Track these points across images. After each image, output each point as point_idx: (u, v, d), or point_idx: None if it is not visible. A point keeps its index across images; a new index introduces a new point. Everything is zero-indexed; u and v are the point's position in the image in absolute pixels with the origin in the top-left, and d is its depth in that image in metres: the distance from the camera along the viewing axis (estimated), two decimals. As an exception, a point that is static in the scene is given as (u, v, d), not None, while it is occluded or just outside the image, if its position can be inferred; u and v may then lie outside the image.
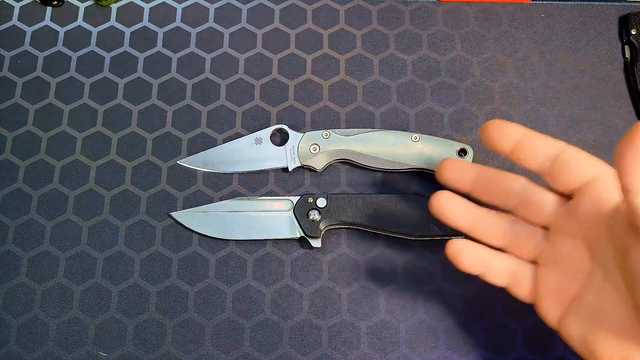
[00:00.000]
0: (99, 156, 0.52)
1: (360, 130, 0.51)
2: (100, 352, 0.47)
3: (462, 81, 0.55)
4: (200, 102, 0.54)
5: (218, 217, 0.50)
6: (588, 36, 0.57)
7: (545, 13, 0.58)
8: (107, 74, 0.55)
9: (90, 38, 0.56)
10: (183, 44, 0.56)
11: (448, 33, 0.57)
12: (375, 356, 0.47)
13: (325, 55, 0.56)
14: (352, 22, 0.57)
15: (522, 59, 0.56)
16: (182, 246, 0.50)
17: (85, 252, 0.50)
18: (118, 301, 0.48)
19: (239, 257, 0.49)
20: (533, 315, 0.48)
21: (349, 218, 0.48)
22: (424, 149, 0.50)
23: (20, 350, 0.47)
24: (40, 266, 0.49)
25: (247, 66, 0.55)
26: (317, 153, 0.51)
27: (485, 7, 0.58)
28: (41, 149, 0.53)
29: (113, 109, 0.54)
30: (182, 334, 0.47)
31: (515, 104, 0.54)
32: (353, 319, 0.48)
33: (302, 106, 0.54)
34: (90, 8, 0.58)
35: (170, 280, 0.49)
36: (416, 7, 0.58)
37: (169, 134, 0.53)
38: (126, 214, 0.51)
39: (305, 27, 0.57)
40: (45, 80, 0.55)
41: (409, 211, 0.48)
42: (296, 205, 0.49)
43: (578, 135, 0.53)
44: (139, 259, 0.49)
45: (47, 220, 0.50)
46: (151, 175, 0.52)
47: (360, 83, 0.55)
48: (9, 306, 0.48)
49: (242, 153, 0.52)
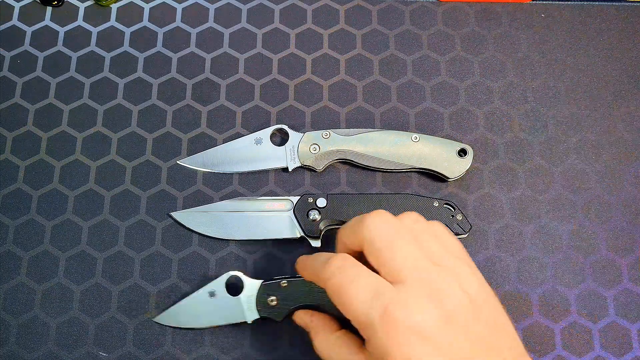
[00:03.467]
0: (99, 156, 0.52)
1: (360, 130, 0.51)
2: (100, 352, 0.47)
3: (462, 81, 0.55)
4: (200, 102, 0.54)
5: (218, 217, 0.50)
6: (588, 36, 0.57)
7: (545, 13, 0.58)
8: (107, 74, 0.55)
9: (90, 38, 0.56)
10: (183, 44, 0.56)
11: (448, 33, 0.57)
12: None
13: (325, 55, 0.56)
14: (352, 22, 0.57)
15: (522, 59, 0.56)
16: (182, 246, 0.50)
17: (85, 252, 0.50)
18: (118, 301, 0.48)
19: (239, 257, 0.49)
20: (528, 318, 0.48)
21: (349, 218, 0.48)
22: (424, 149, 0.50)
23: (20, 350, 0.47)
24: (40, 266, 0.49)
25: (247, 66, 0.55)
26: (317, 153, 0.51)
27: (485, 7, 0.58)
28: (41, 149, 0.53)
29: (113, 109, 0.54)
30: (182, 334, 0.47)
31: (515, 104, 0.54)
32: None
33: (302, 106, 0.54)
34: (90, 8, 0.58)
35: (170, 280, 0.49)
36: (416, 7, 0.58)
37: (169, 134, 0.53)
38: (126, 214, 0.51)
39: (305, 27, 0.57)
40: (45, 80, 0.55)
41: (408, 211, 0.48)
42: (296, 205, 0.49)
43: (578, 135, 0.53)
44: (139, 259, 0.49)
45: (47, 220, 0.50)
46: (151, 175, 0.52)
47: (360, 83, 0.55)
48: (9, 306, 0.48)
49: (242, 153, 0.52)
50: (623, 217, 0.51)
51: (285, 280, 0.45)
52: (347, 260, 0.37)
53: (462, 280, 0.35)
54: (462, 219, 0.48)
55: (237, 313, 0.45)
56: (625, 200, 0.51)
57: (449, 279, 0.35)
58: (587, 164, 0.52)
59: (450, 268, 0.36)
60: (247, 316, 0.45)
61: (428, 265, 0.35)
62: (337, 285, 0.36)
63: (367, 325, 0.34)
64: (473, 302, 0.35)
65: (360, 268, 0.36)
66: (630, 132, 0.53)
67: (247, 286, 0.46)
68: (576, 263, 0.49)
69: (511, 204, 0.51)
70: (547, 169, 0.52)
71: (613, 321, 0.48)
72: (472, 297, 0.35)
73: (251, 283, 0.46)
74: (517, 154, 0.53)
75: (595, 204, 0.51)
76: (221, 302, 0.46)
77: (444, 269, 0.35)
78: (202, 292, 0.47)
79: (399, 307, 0.34)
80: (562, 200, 0.51)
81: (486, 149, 0.53)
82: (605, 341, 0.47)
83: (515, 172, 0.52)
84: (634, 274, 0.49)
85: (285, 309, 0.44)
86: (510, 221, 0.51)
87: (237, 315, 0.45)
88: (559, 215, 0.51)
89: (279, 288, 0.45)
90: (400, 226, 0.37)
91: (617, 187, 0.52)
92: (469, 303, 0.34)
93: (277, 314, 0.45)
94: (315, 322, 0.42)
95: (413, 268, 0.35)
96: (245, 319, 0.45)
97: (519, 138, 0.53)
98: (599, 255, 0.50)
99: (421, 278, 0.35)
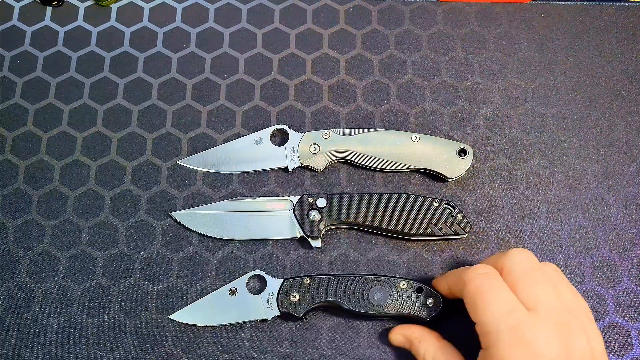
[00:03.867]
0: (99, 156, 0.52)
1: (360, 130, 0.51)
2: (100, 352, 0.47)
3: (462, 81, 0.55)
4: (200, 102, 0.54)
5: (218, 217, 0.50)
6: (588, 36, 0.57)
7: (545, 13, 0.58)
8: (107, 74, 0.55)
9: (90, 38, 0.56)
10: (183, 44, 0.56)
11: (448, 33, 0.57)
12: (375, 356, 0.47)
13: (325, 55, 0.56)
14: (352, 22, 0.57)
15: (522, 59, 0.56)
16: (182, 246, 0.50)
17: (85, 252, 0.50)
18: (118, 301, 0.48)
19: (239, 257, 0.49)
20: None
21: (349, 218, 0.48)
22: (424, 149, 0.50)
23: (20, 350, 0.47)
24: (40, 266, 0.49)
25: (247, 66, 0.55)
26: (317, 153, 0.51)
27: (485, 7, 0.58)
28: (41, 149, 0.53)
29: (113, 109, 0.54)
30: (181, 334, 0.47)
31: (515, 104, 0.54)
32: (353, 319, 0.48)
33: (302, 106, 0.54)
34: (90, 8, 0.58)
35: (170, 280, 0.49)
36: (416, 7, 0.58)
37: (169, 134, 0.53)
38: (126, 214, 0.51)
39: (305, 27, 0.57)
40: (45, 80, 0.55)
41: (409, 211, 0.48)
42: (296, 205, 0.49)
43: (578, 135, 0.53)
44: (139, 259, 0.49)
45: (47, 220, 0.50)
46: (151, 175, 0.52)
47: (360, 83, 0.55)
48: (9, 306, 0.48)
49: (242, 153, 0.52)
50: (623, 217, 0.51)
51: (308, 277, 0.46)
52: (492, 270, 0.40)
53: (590, 338, 0.38)
54: (462, 219, 0.48)
55: (257, 310, 0.47)
56: (625, 200, 0.51)
57: (578, 330, 0.38)
58: (587, 164, 0.52)
59: (580, 322, 0.38)
60: (267, 313, 0.46)
61: (561, 307, 0.38)
62: (478, 289, 0.39)
63: (494, 333, 0.37)
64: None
65: (502, 282, 0.39)
66: (630, 132, 0.53)
67: (269, 284, 0.47)
68: (576, 263, 0.49)
69: (511, 204, 0.51)
70: (547, 169, 0.52)
71: (613, 321, 0.48)
72: (596, 357, 0.38)
73: (273, 281, 0.47)
74: (517, 154, 0.53)
75: (595, 204, 0.51)
76: (242, 300, 0.47)
77: (575, 319, 0.38)
78: (223, 290, 0.48)
79: (529, 330, 0.37)
80: (562, 200, 0.51)
81: (486, 149, 0.53)
82: (605, 341, 0.47)
83: (515, 172, 0.52)
84: (634, 274, 0.49)
85: (307, 305, 0.46)
86: (510, 221, 0.51)
87: (257, 312, 0.47)
88: (559, 215, 0.51)
89: (302, 285, 0.46)
90: (539, 266, 0.41)
91: (617, 187, 0.52)
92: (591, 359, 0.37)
93: (298, 310, 0.46)
94: (417, 332, 0.44)
95: (548, 303, 0.38)
96: (265, 317, 0.46)
97: (519, 138, 0.53)
98: (599, 255, 0.50)
99: (554, 315, 0.38)
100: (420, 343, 0.43)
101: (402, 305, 0.45)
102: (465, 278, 0.40)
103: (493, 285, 0.39)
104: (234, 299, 0.47)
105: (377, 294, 0.46)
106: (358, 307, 0.45)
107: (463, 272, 0.41)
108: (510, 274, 0.40)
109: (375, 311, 0.45)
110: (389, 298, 0.45)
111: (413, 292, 0.46)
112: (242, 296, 0.47)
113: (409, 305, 0.45)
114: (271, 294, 0.46)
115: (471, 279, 0.40)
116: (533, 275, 0.40)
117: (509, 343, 0.37)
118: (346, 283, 0.46)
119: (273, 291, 0.47)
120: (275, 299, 0.46)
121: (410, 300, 0.46)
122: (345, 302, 0.45)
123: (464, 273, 0.41)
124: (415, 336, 0.44)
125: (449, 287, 0.44)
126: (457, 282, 0.42)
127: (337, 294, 0.46)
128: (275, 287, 0.47)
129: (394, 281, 0.46)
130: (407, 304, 0.45)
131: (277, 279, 0.47)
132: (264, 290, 0.47)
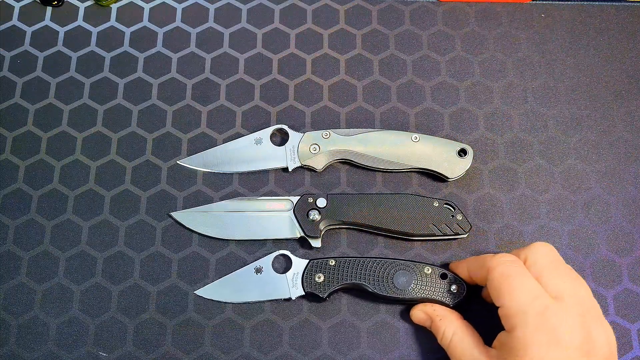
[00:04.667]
0: (99, 156, 0.52)
1: (360, 130, 0.51)
2: (100, 352, 0.47)
3: (462, 81, 0.55)
4: (200, 102, 0.54)
5: (218, 217, 0.50)
6: (588, 36, 0.57)
7: (545, 13, 0.58)
8: (107, 74, 0.55)
9: (90, 38, 0.56)
10: (183, 44, 0.56)
11: (448, 33, 0.57)
12: (375, 356, 0.47)
13: (325, 55, 0.56)
14: (352, 22, 0.57)
15: (522, 59, 0.56)
16: (182, 246, 0.50)
17: (85, 252, 0.50)
18: (118, 301, 0.48)
19: (239, 257, 0.49)
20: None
21: (349, 218, 0.48)
22: (424, 149, 0.50)
23: (20, 350, 0.47)
24: (40, 266, 0.49)
25: (247, 66, 0.55)
26: (317, 153, 0.51)
27: (485, 7, 0.58)
28: (41, 149, 0.53)
29: (113, 109, 0.54)
30: (182, 334, 0.47)
31: (515, 104, 0.54)
32: (353, 319, 0.48)
33: (302, 106, 0.54)
34: (90, 8, 0.58)
35: (170, 280, 0.49)
36: (416, 7, 0.58)
37: (169, 134, 0.53)
38: (126, 214, 0.51)
39: (305, 27, 0.57)
40: (45, 80, 0.55)
41: (409, 211, 0.48)
42: (296, 205, 0.49)
43: (578, 135, 0.53)
44: (139, 259, 0.49)
45: (47, 220, 0.50)
46: (151, 175, 0.52)
47: (360, 83, 0.55)
48: (9, 306, 0.48)
49: (242, 153, 0.52)
50: (623, 217, 0.51)
51: (333, 259, 0.47)
52: (517, 259, 0.41)
53: (609, 340, 0.39)
54: (462, 219, 0.48)
55: (281, 290, 0.47)
56: (625, 200, 0.51)
57: (598, 324, 0.39)
58: (587, 164, 0.52)
59: (599, 317, 0.40)
60: (291, 293, 0.47)
61: (583, 300, 0.40)
62: (505, 274, 0.40)
63: (520, 315, 0.38)
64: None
65: (527, 270, 0.41)
66: (630, 132, 0.53)
67: (295, 264, 0.47)
68: (576, 263, 0.49)
69: (511, 204, 0.51)
70: (547, 169, 0.52)
71: (613, 321, 0.48)
72: (612, 352, 0.39)
73: (299, 261, 0.47)
74: (517, 154, 0.53)
75: (595, 204, 0.51)
76: (267, 278, 0.48)
77: (595, 313, 0.40)
78: (249, 267, 0.48)
79: (554, 316, 0.38)
80: (562, 200, 0.51)
81: (486, 149, 0.53)
82: (605, 341, 0.48)
83: (515, 172, 0.52)
84: (634, 274, 0.49)
85: (331, 286, 0.46)
86: (510, 221, 0.51)
87: (282, 291, 0.47)
88: (559, 215, 0.51)
89: (327, 266, 0.47)
90: (562, 260, 0.42)
91: (617, 187, 0.52)
92: (609, 357, 0.39)
93: (322, 291, 0.46)
94: (438, 310, 0.45)
95: (572, 294, 0.39)
96: (289, 296, 0.47)
97: (519, 138, 0.53)
98: (599, 255, 0.50)
99: (577, 307, 0.39)
100: (441, 320, 0.44)
101: (426, 290, 0.46)
102: (490, 264, 0.41)
103: (520, 271, 0.40)
104: (259, 278, 0.48)
105: (401, 278, 0.46)
106: (382, 290, 0.46)
107: (487, 259, 0.42)
108: (534, 266, 0.41)
109: (400, 295, 0.46)
110: (413, 283, 0.46)
111: (437, 277, 0.46)
112: (267, 275, 0.48)
113: (433, 290, 0.46)
114: (296, 274, 0.47)
115: (497, 265, 0.41)
116: (558, 267, 0.41)
117: (534, 327, 0.38)
118: (371, 266, 0.46)
119: (298, 271, 0.47)
120: (300, 279, 0.47)
121: (435, 286, 0.46)
122: (370, 285, 0.46)
123: (489, 260, 0.42)
124: (437, 314, 0.45)
125: (469, 272, 0.45)
126: (481, 268, 0.43)
127: (361, 277, 0.46)
128: (301, 268, 0.47)
129: (419, 266, 0.46)
130: (431, 289, 0.46)
131: (302, 260, 0.48)
132: (289, 270, 0.47)
